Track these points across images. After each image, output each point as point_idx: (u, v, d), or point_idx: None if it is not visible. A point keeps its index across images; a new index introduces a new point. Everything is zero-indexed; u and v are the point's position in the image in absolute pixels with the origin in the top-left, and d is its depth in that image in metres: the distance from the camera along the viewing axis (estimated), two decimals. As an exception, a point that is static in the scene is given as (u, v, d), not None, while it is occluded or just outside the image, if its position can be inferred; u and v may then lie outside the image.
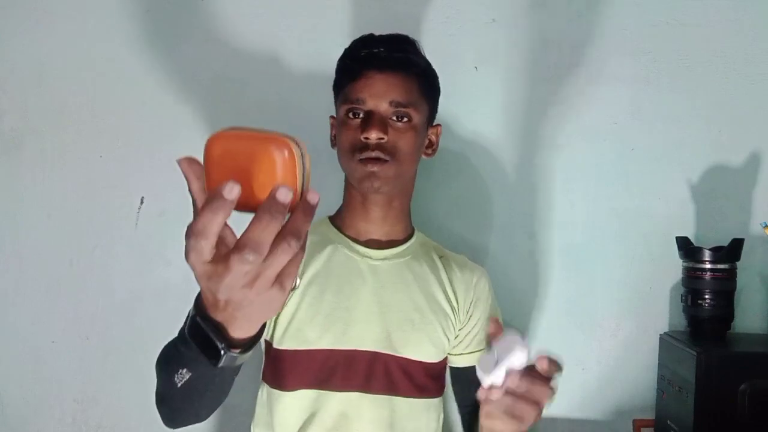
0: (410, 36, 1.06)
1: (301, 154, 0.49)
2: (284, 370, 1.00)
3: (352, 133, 0.99)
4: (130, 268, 1.36)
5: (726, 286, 1.20)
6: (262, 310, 0.51)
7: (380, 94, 0.98)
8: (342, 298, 1.01)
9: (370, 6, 1.35)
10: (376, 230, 1.06)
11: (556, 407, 1.33)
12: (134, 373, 1.35)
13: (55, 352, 1.37)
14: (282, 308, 0.56)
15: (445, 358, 1.08)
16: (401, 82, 0.99)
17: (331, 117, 1.10)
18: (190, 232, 0.47)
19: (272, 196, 0.46)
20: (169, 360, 0.70)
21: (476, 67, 1.34)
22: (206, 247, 0.47)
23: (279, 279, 0.49)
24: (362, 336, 1.00)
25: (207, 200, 0.47)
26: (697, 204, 1.31)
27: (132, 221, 1.37)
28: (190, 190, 0.51)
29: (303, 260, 0.97)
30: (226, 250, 0.48)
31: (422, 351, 1.02)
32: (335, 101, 1.07)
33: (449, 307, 1.06)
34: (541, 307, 1.33)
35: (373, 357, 1.00)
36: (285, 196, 0.46)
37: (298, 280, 0.53)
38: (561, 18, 1.33)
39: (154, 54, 1.37)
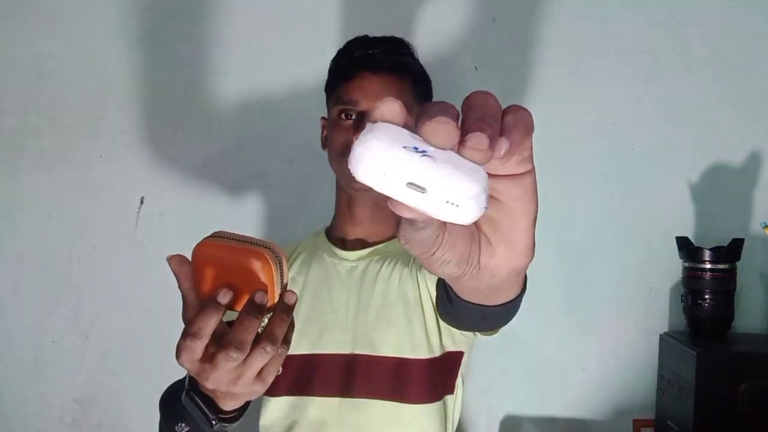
0: (407, 38, 1.05)
1: (278, 261, 0.57)
2: None
3: (344, 133, 0.98)
4: (130, 268, 1.36)
5: (726, 286, 1.20)
6: (245, 396, 0.60)
7: (374, 96, 0.97)
8: (319, 302, 1.00)
9: (370, 6, 1.35)
10: (362, 231, 1.04)
11: (556, 407, 1.33)
12: (134, 373, 1.35)
13: (55, 352, 1.37)
14: None
15: (436, 357, 0.98)
16: (396, 84, 0.98)
17: (322, 118, 1.09)
18: (186, 333, 0.54)
19: (251, 299, 0.55)
20: (170, 411, 0.76)
21: (476, 67, 1.34)
22: (199, 347, 0.54)
23: (260, 375, 0.57)
24: (339, 339, 0.98)
25: (202, 305, 0.55)
26: (697, 204, 1.31)
27: (132, 221, 1.37)
28: (180, 288, 0.59)
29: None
30: (213, 350, 0.55)
31: (400, 347, 0.96)
32: (327, 102, 1.06)
33: (420, 297, 0.97)
34: (541, 307, 1.33)
35: (351, 359, 0.97)
36: (261, 298, 0.55)
37: (279, 369, 0.61)
38: (561, 18, 1.33)
39: (154, 54, 1.37)
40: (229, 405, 0.62)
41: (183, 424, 0.72)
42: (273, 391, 0.99)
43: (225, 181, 1.36)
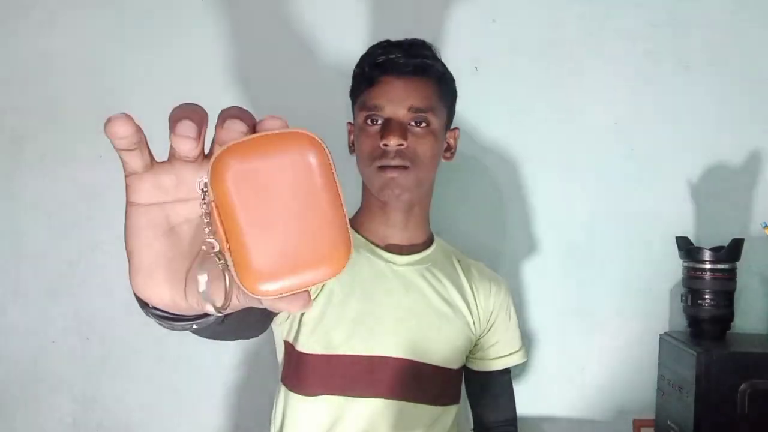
0: (426, 40, 1.05)
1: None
2: (307, 374, 0.99)
3: (371, 139, 0.98)
4: (130, 268, 1.36)
5: (726, 286, 1.20)
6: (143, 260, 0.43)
7: (399, 100, 0.97)
8: (367, 303, 1.00)
9: (371, 7, 1.35)
10: (397, 235, 1.05)
11: (556, 407, 1.33)
12: (134, 373, 1.35)
13: (55, 352, 1.37)
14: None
15: (461, 368, 1.09)
16: (419, 87, 0.99)
17: (349, 123, 1.09)
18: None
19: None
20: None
21: (476, 67, 1.34)
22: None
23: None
24: (388, 342, 0.99)
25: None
26: (697, 204, 1.31)
27: (132, 221, 1.37)
28: None
29: None
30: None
31: (447, 358, 1.02)
32: (352, 107, 1.06)
33: (469, 314, 1.06)
34: (542, 307, 1.33)
35: (399, 363, 0.99)
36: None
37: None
38: (561, 18, 1.33)
39: (154, 54, 1.37)
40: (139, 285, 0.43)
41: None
42: (316, 389, 0.98)
43: (225, 181, 1.36)
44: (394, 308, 1.00)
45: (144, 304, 0.45)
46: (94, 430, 1.37)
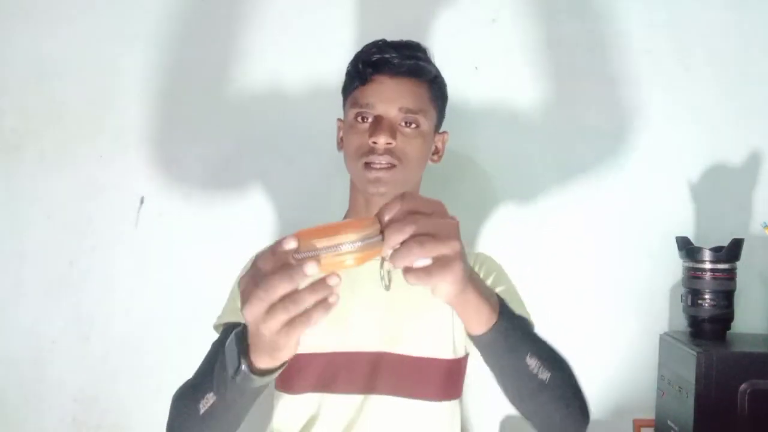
0: (420, 42, 1.05)
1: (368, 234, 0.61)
2: (290, 373, 0.99)
3: (360, 136, 0.99)
4: (130, 268, 1.36)
5: (726, 286, 1.20)
6: (273, 348, 0.63)
7: (390, 100, 0.98)
8: (342, 300, 1.00)
9: (370, 7, 1.35)
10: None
11: (556, 407, 1.33)
12: (134, 373, 1.35)
13: (55, 352, 1.37)
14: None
15: (459, 358, 1.04)
16: (412, 88, 0.99)
17: (339, 120, 1.09)
18: (261, 287, 0.57)
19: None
20: (197, 388, 0.80)
21: (476, 68, 1.34)
22: (264, 305, 0.58)
23: (284, 329, 0.60)
24: (365, 337, 0.99)
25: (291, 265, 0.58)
26: (697, 204, 1.31)
27: (132, 221, 1.37)
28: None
29: None
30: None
31: (427, 347, 1.00)
32: (344, 104, 1.06)
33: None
34: (541, 307, 1.32)
35: (377, 357, 0.99)
36: (288, 243, 0.58)
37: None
38: (561, 18, 1.33)
39: (154, 54, 1.37)
40: (260, 360, 0.66)
41: (210, 394, 0.74)
42: (294, 388, 0.99)
43: (225, 181, 1.36)
44: (369, 303, 0.99)
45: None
46: (94, 430, 1.37)
